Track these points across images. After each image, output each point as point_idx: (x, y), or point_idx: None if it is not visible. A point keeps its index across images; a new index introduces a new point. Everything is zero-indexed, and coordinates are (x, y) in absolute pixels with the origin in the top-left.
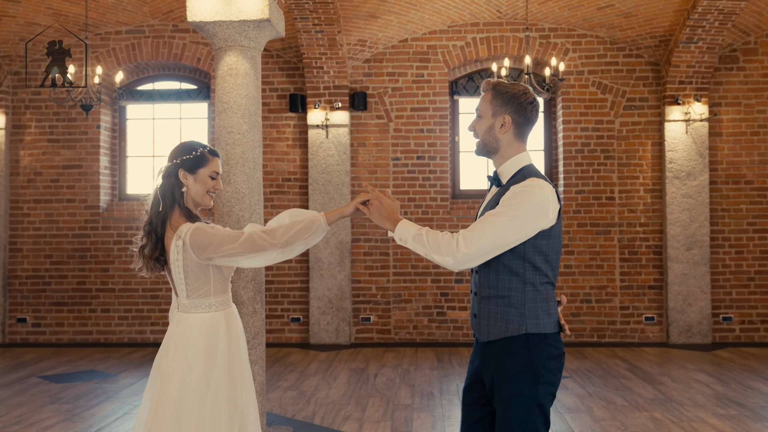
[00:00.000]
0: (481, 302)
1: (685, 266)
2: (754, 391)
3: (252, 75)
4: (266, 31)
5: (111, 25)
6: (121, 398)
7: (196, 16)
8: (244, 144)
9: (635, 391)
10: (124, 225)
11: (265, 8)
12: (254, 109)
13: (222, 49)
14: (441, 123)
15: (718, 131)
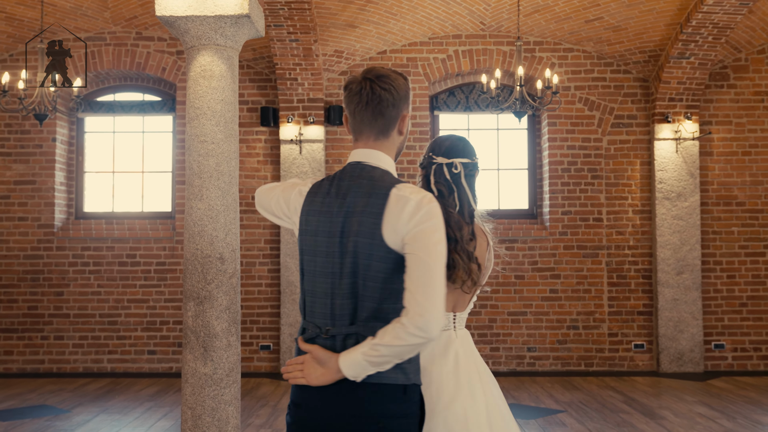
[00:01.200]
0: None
1: (676, 291)
2: (764, 427)
3: (228, 78)
4: (245, 29)
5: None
6: None
7: (165, 11)
8: (218, 155)
9: (638, 428)
10: (81, 245)
11: (244, 2)
12: (230, 115)
13: (195, 48)
14: (421, 139)
15: (709, 151)
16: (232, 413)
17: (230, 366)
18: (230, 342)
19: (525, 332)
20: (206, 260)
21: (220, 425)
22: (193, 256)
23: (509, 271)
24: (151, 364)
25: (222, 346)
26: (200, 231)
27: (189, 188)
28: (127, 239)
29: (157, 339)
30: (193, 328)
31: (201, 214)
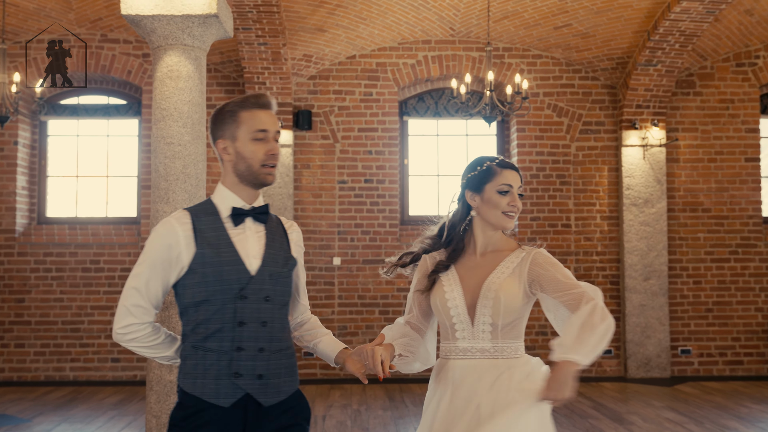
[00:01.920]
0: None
1: (643, 297)
2: (731, 431)
3: (196, 78)
4: (213, 29)
5: (32, 32)
6: None
7: (131, 9)
8: (185, 157)
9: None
10: (43, 251)
11: (212, 2)
12: (198, 117)
13: (161, 48)
14: (390, 144)
15: (675, 157)
16: None
17: None
18: None
19: None
20: None
21: None
22: None
23: None
24: (114, 372)
25: None
26: None
27: (155, 191)
28: (91, 245)
29: (120, 347)
30: None
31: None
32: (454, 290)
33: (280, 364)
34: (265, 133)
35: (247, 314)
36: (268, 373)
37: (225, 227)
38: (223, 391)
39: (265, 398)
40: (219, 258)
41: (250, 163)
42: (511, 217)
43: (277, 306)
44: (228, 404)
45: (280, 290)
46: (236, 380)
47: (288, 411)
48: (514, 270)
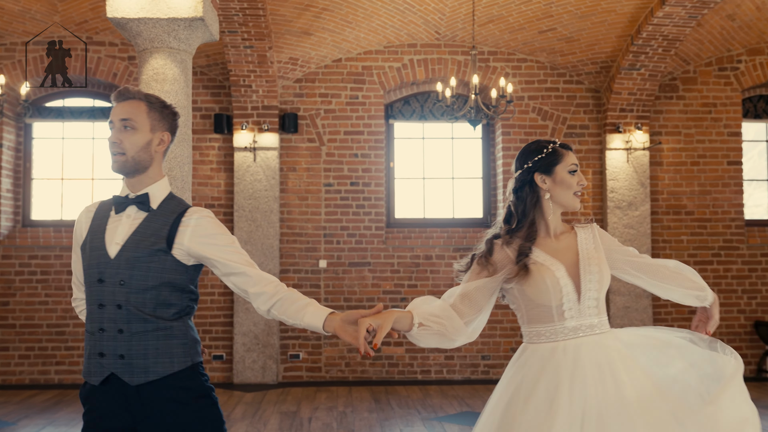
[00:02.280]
0: (132, 339)
1: (627, 299)
2: None
3: (182, 81)
4: (199, 32)
5: (17, 35)
6: None
7: (117, 12)
8: (171, 159)
9: None
10: (28, 254)
11: (198, 5)
12: (183, 120)
13: (147, 50)
14: (376, 147)
15: (659, 161)
16: None
17: None
18: None
19: (479, 340)
20: None
21: None
22: None
23: None
24: None
25: None
26: None
27: None
28: None
29: None
30: None
31: None
32: (560, 269)
33: (146, 345)
34: (111, 124)
35: (105, 297)
36: (130, 354)
37: (109, 215)
38: (93, 370)
39: (130, 377)
40: (91, 243)
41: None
42: (579, 196)
43: (134, 290)
44: (97, 382)
45: (137, 275)
46: (101, 359)
47: (170, 389)
48: (594, 245)
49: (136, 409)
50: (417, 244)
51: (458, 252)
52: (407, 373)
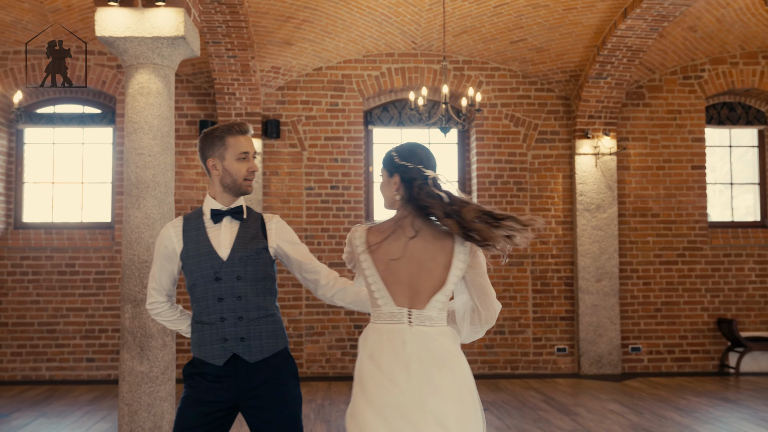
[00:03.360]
0: (250, 324)
1: (596, 297)
2: (667, 420)
3: (165, 94)
4: (181, 49)
5: (9, 44)
6: None
7: (105, 31)
8: (155, 166)
9: (553, 423)
10: (20, 255)
11: (180, 25)
12: (167, 130)
13: (133, 66)
14: (356, 153)
15: (626, 165)
16: (167, 409)
17: (165, 364)
18: (165, 342)
19: None
20: (143, 265)
21: (156, 420)
22: (130, 262)
23: None
24: (89, 372)
25: (158, 346)
26: (137, 238)
27: (127, 198)
28: (67, 249)
29: (95, 347)
30: (130, 329)
31: (138, 222)
32: None
33: (260, 329)
34: (246, 155)
35: (224, 292)
36: (249, 336)
37: (205, 226)
38: (216, 353)
39: (249, 356)
40: (198, 250)
41: (235, 178)
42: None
43: (249, 283)
44: (221, 363)
45: (251, 270)
46: (224, 344)
47: (274, 367)
48: None
49: (242, 385)
50: None
51: None
52: None
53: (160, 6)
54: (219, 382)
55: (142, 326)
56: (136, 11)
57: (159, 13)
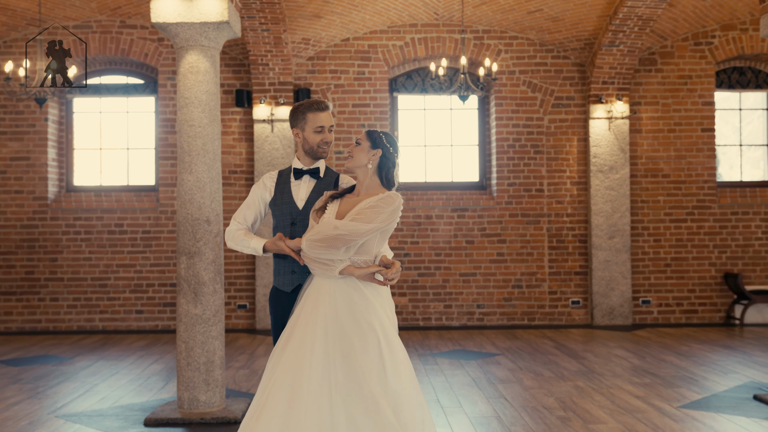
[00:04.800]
0: None
1: (608, 253)
2: (666, 363)
3: (212, 72)
4: (225, 32)
5: (58, 20)
6: (80, 378)
7: (159, 18)
8: (204, 136)
9: (561, 365)
10: (73, 216)
11: (224, 11)
12: (213, 104)
13: (183, 48)
14: (381, 118)
15: (638, 128)
16: (218, 346)
17: (216, 308)
18: (215, 289)
19: (475, 291)
20: (195, 222)
21: (208, 355)
22: (184, 220)
23: (460, 237)
24: (138, 323)
25: (209, 292)
26: (190, 199)
27: (180, 164)
28: (115, 210)
29: (144, 300)
30: (185, 277)
31: (190, 185)
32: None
33: None
34: (322, 128)
35: (296, 234)
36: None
37: (290, 181)
38: (287, 282)
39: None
40: (282, 200)
41: (312, 145)
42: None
43: None
44: (289, 290)
45: None
46: (292, 276)
47: None
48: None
49: None
50: (419, 205)
51: (456, 212)
52: (410, 320)
53: None
54: (291, 305)
55: (196, 275)
56: (186, 0)
57: (206, 2)
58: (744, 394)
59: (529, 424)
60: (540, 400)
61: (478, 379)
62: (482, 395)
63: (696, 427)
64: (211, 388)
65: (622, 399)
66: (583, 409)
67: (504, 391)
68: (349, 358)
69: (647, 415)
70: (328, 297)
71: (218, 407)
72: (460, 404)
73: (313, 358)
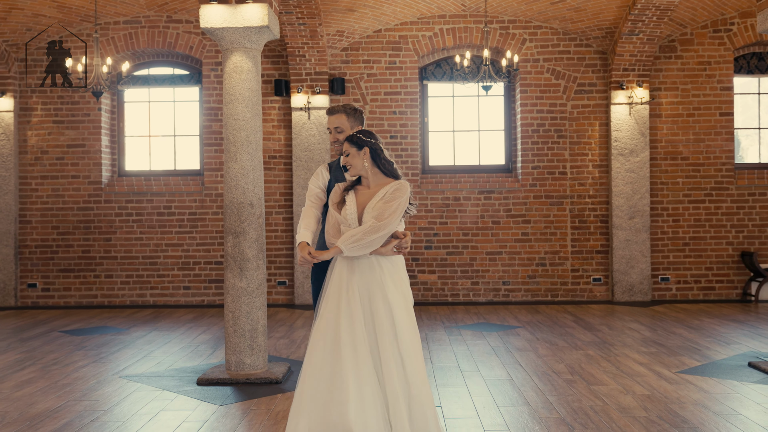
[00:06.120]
0: None
1: (628, 233)
2: (675, 335)
3: (254, 71)
4: (265, 35)
5: (110, 16)
6: (137, 346)
7: (207, 23)
8: (248, 129)
9: (575, 336)
10: (125, 199)
11: (265, 17)
12: (255, 99)
13: (229, 50)
14: (412, 105)
15: (658, 113)
16: (261, 316)
17: (259, 282)
18: (258, 265)
19: (500, 269)
20: (240, 206)
21: (253, 324)
22: (230, 203)
23: (487, 218)
24: (186, 298)
25: (253, 267)
26: (235, 185)
27: (226, 153)
28: (164, 193)
29: (191, 276)
30: (232, 254)
31: (236, 172)
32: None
33: None
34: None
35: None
36: None
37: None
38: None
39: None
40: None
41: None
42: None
43: None
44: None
45: None
46: None
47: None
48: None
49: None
50: (447, 188)
51: (483, 194)
52: (439, 296)
53: (249, 2)
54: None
55: (241, 252)
56: (230, 7)
57: (248, 8)
58: (741, 362)
59: (537, 385)
60: (551, 366)
61: (497, 348)
62: (499, 361)
63: (688, 388)
64: (255, 352)
65: (626, 365)
66: (589, 373)
67: (519, 358)
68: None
69: (646, 378)
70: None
71: (261, 369)
72: (477, 369)
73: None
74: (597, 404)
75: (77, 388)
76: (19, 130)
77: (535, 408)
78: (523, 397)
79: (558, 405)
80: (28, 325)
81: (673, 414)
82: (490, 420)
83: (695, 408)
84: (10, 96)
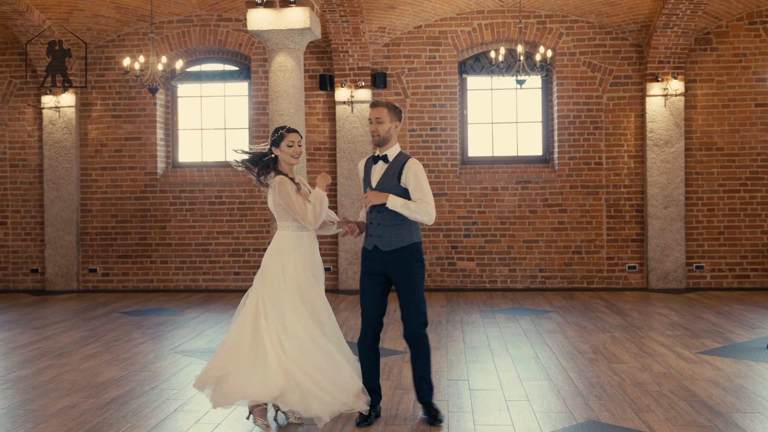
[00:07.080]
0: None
1: (663, 222)
2: (702, 320)
3: (297, 70)
4: (307, 36)
5: (164, 15)
6: (192, 325)
7: (254, 26)
8: (291, 124)
9: (605, 320)
10: (179, 189)
11: (307, 19)
12: (299, 96)
13: (274, 50)
14: (451, 99)
15: (693, 104)
16: None
17: None
18: None
19: (537, 256)
20: None
21: None
22: None
23: (524, 207)
24: (236, 283)
25: None
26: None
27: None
28: (215, 183)
29: (240, 263)
30: None
31: None
32: None
33: (390, 232)
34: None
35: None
36: (383, 234)
37: (371, 164)
38: (367, 242)
39: (383, 247)
40: (365, 178)
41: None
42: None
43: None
44: (370, 248)
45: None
46: (370, 238)
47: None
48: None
49: (385, 263)
50: (486, 178)
51: (520, 184)
52: (478, 283)
53: (292, 6)
54: (372, 260)
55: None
56: (275, 10)
57: (292, 11)
58: (761, 344)
59: (561, 363)
60: (576, 347)
61: (528, 330)
62: (527, 342)
63: (703, 367)
64: None
65: (649, 346)
66: (611, 353)
67: (547, 340)
68: None
69: (665, 358)
70: None
71: None
72: (506, 348)
73: None
74: (614, 380)
75: (137, 361)
76: (80, 124)
77: (555, 382)
78: (546, 372)
79: (577, 380)
80: (90, 307)
81: (684, 389)
82: (512, 392)
83: (706, 384)
84: (72, 92)
